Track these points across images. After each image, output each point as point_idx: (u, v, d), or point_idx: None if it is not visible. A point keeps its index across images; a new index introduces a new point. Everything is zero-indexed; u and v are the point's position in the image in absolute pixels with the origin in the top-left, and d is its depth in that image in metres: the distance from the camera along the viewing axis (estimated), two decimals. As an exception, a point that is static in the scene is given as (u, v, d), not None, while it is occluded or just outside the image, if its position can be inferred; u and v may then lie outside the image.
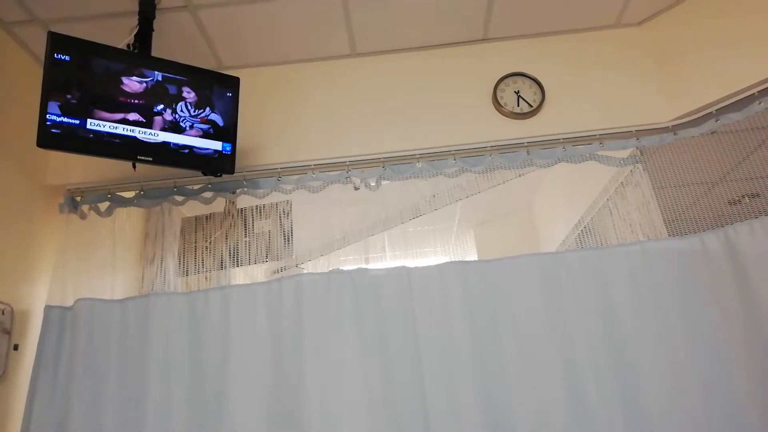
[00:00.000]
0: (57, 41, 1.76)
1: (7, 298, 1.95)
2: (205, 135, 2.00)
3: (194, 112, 1.99)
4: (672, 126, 2.25)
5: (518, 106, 2.28)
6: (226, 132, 2.05)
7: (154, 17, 2.09)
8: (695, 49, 2.22)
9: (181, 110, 1.96)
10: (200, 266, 2.34)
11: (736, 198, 2.91)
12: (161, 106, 1.92)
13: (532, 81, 2.32)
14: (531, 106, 2.28)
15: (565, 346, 1.85)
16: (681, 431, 1.71)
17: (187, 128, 1.97)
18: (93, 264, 2.36)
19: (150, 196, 2.24)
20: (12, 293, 1.98)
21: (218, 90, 2.04)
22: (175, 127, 1.94)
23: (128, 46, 2.02)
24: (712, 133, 2.20)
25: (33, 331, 2.04)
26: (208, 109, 2.01)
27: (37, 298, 2.10)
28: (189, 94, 1.98)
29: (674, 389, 1.75)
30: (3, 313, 1.91)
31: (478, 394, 1.80)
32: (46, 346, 1.95)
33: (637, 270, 1.92)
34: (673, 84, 2.26)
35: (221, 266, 2.31)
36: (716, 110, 2.16)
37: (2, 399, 1.89)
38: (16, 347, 1.97)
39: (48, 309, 2.00)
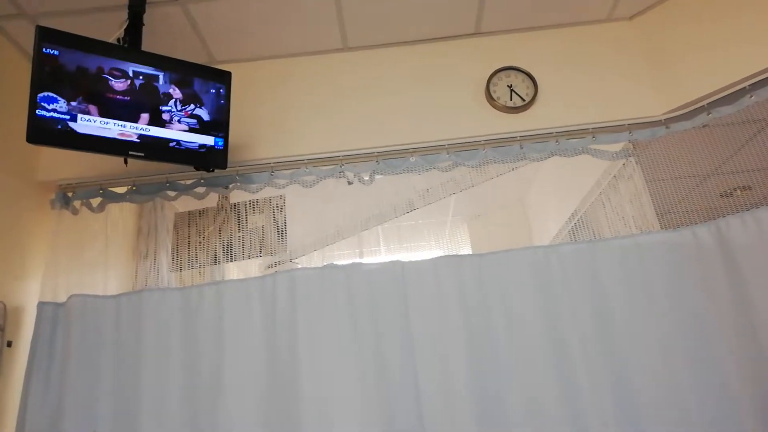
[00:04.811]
0: (45, 35, 1.75)
1: (0, 294, 1.94)
2: (197, 130, 1.99)
3: (186, 107, 1.97)
4: (664, 119, 2.26)
5: (511, 100, 2.28)
6: (219, 127, 2.04)
7: (144, 11, 2.07)
8: (687, 42, 2.22)
9: (173, 105, 1.95)
10: (194, 261, 2.33)
11: (728, 191, 2.93)
12: (152, 101, 1.91)
13: (524, 75, 2.32)
14: (524, 100, 2.28)
15: (557, 339, 1.86)
16: (670, 419, 1.72)
17: (179, 123, 1.96)
18: (85, 260, 2.35)
19: (142, 192, 2.23)
20: (4, 290, 1.97)
21: (210, 84, 2.03)
22: (166, 121, 1.93)
23: (118, 40, 2.00)
24: (704, 126, 2.21)
25: (26, 328, 2.04)
26: (200, 103, 2.00)
27: (30, 294, 2.09)
28: (181, 89, 1.97)
29: (665, 380, 1.77)
30: (-5, 310, 1.90)
31: (472, 386, 1.81)
32: (39, 343, 1.94)
33: (630, 263, 1.93)
34: (665, 78, 2.27)
35: (215, 261, 2.30)
36: (708, 104, 2.17)
37: (-5, 396, 1.89)
38: (9, 344, 1.97)
39: (41, 305, 1.99)
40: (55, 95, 1.74)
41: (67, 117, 1.76)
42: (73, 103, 1.77)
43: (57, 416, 1.85)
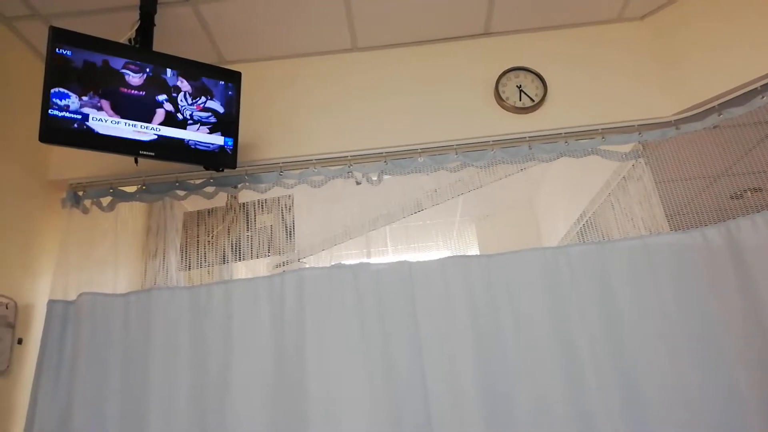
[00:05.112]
0: (58, 36, 1.76)
1: (11, 292, 1.96)
2: (207, 129, 2.00)
3: (197, 99, 1.99)
4: (674, 120, 2.24)
5: (520, 100, 2.28)
6: (228, 126, 2.05)
7: (155, 12, 2.09)
8: (698, 43, 2.21)
9: (183, 105, 1.96)
10: (202, 260, 2.34)
11: (739, 192, 2.91)
12: (163, 101, 1.92)
13: (534, 75, 2.32)
14: (533, 101, 2.27)
15: (565, 341, 1.86)
16: (678, 420, 1.71)
17: (189, 123, 1.97)
18: (95, 258, 2.36)
19: (152, 191, 2.25)
20: (15, 288, 1.99)
21: (220, 84, 2.04)
22: (177, 122, 1.94)
23: (129, 40, 2.02)
24: (715, 127, 2.20)
25: (36, 326, 2.06)
26: (209, 103, 2.01)
27: (41, 292, 2.11)
28: (191, 89, 1.98)
29: (673, 381, 1.76)
30: (7, 308, 1.92)
31: (480, 386, 1.81)
32: (49, 340, 1.96)
33: (639, 264, 1.92)
34: (675, 78, 2.25)
35: (223, 260, 2.31)
36: (719, 104, 2.16)
37: (7, 392, 1.90)
38: (20, 341, 1.99)
39: (51, 303, 2.01)
40: (66, 91, 1.75)
41: (79, 116, 1.77)
42: (85, 98, 1.78)
43: (66, 413, 1.86)
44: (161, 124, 1.91)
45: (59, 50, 1.75)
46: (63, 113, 1.74)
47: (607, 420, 1.74)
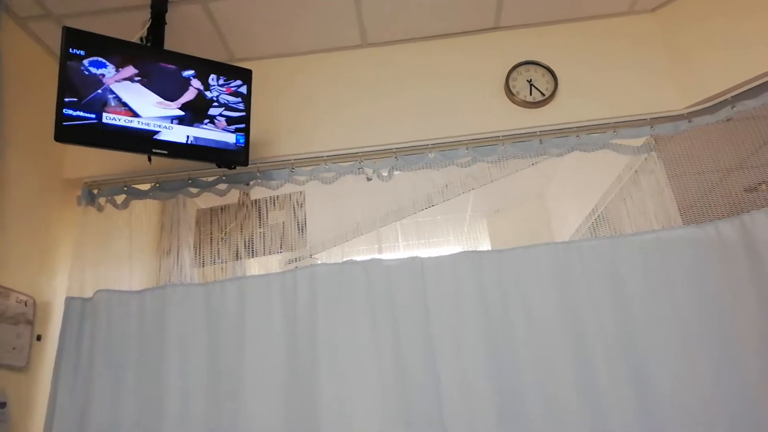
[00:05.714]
0: (72, 36, 1.78)
1: (29, 290, 1.99)
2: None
3: (207, 104, 2.00)
4: (687, 114, 2.22)
5: (531, 94, 2.27)
6: (240, 124, 2.06)
7: (166, 10, 2.10)
8: (710, 35, 2.19)
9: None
10: (216, 257, 2.36)
11: (753, 185, 2.88)
12: (174, 99, 1.94)
13: (544, 69, 2.31)
14: (543, 95, 2.26)
15: (577, 335, 1.85)
16: (691, 416, 1.70)
17: (200, 121, 1.98)
18: (111, 255, 2.39)
19: (165, 188, 2.27)
20: (34, 285, 2.02)
21: (231, 82, 2.05)
22: (188, 119, 1.96)
23: (141, 39, 2.04)
24: (728, 120, 2.17)
25: (55, 322, 2.09)
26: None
27: (58, 289, 2.14)
28: (202, 87, 2.00)
29: (685, 376, 1.75)
30: (26, 305, 1.95)
31: (491, 382, 1.81)
32: (67, 337, 1.99)
33: (652, 259, 1.91)
34: (687, 71, 2.23)
35: (236, 257, 2.33)
36: (732, 97, 2.13)
37: (27, 388, 1.94)
38: (38, 338, 2.02)
39: (68, 300, 2.05)
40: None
41: (93, 115, 1.79)
42: (99, 102, 1.80)
43: (85, 407, 1.90)
44: (174, 122, 1.92)
45: (73, 50, 1.77)
46: (77, 112, 1.76)
47: (619, 416, 1.73)
